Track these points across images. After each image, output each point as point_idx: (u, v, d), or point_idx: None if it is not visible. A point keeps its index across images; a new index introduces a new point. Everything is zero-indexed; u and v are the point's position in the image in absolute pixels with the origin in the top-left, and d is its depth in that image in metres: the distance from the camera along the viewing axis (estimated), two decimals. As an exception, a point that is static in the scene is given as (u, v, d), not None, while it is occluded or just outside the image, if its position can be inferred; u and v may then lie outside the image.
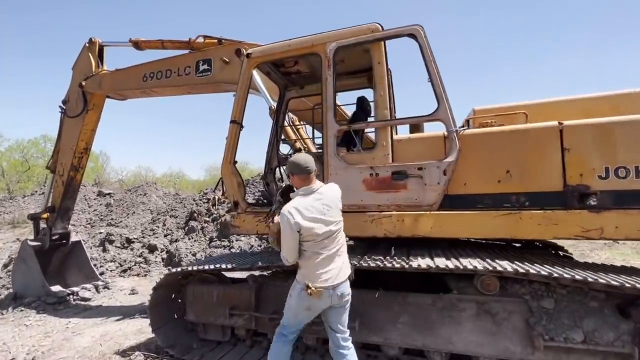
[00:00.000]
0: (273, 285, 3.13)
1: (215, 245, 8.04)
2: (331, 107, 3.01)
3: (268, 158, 4.23)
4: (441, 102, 2.67)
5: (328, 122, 3.01)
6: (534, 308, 2.41)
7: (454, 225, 2.65)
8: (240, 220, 3.33)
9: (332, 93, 3.02)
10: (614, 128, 2.41)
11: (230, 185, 3.40)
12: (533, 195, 2.55)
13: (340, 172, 2.93)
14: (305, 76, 4.19)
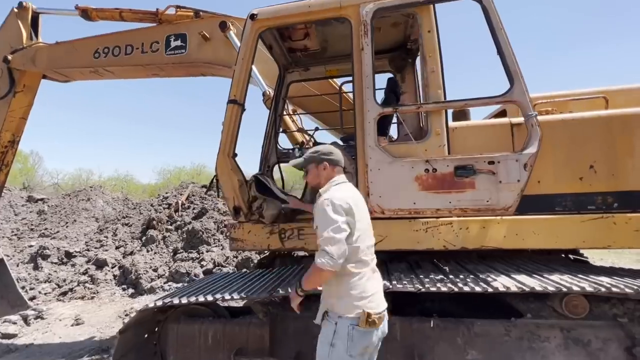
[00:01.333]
0: (293, 318, 2.36)
1: (182, 257, 6.88)
2: (370, 84, 2.35)
3: (265, 153, 3.43)
4: (516, 80, 2.15)
5: (366, 104, 2.34)
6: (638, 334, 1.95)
7: (532, 233, 2.13)
8: (243, 231, 2.51)
9: (370, 66, 2.36)
10: None
11: (228, 185, 2.56)
12: (622, 194, 2.12)
13: (384, 167, 2.27)
14: (312, 55, 3.48)
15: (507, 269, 2.26)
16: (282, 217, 2.43)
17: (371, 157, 2.29)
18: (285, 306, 2.39)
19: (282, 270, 2.78)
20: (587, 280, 1.99)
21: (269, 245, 2.45)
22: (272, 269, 2.92)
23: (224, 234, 7.23)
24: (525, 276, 2.06)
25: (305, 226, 2.40)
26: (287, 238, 2.41)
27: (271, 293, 2.12)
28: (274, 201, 2.42)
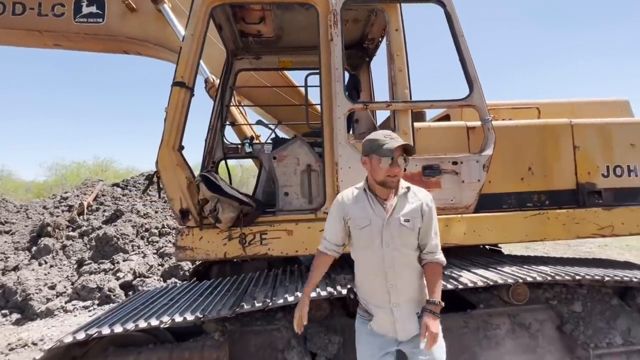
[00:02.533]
0: (254, 333, 2.09)
1: (90, 269, 5.75)
2: (340, 78, 2.22)
3: (209, 148, 3.04)
4: (475, 86, 2.28)
5: (336, 98, 2.21)
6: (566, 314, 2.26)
7: (487, 230, 2.29)
8: (194, 238, 2.13)
9: (340, 58, 2.24)
10: (611, 129, 2.51)
11: (173, 184, 2.15)
12: (551, 193, 2.44)
13: (354, 165, 2.17)
14: (266, 43, 3.21)
15: (463, 264, 2.39)
16: (240, 220, 2.13)
17: (341, 155, 2.18)
18: (243, 321, 2.11)
19: (231, 281, 2.46)
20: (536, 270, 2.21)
21: (226, 253, 2.13)
22: (218, 280, 2.56)
23: (145, 239, 6.31)
24: (483, 270, 2.20)
25: (269, 229, 2.16)
26: (248, 244, 2.13)
27: (234, 310, 1.83)
28: (231, 202, 2.11)
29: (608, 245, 7.20)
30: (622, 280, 2.09)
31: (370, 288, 1.52)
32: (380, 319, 1.47)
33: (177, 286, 2.52)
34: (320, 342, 2.02)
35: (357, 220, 1.48)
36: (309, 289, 1.61)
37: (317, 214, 2.22)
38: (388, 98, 2.39)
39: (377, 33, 3.07)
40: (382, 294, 1.46)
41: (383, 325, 1.47)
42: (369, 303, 1.51)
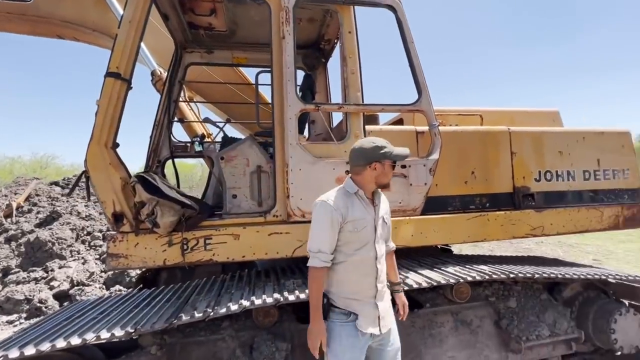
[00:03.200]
0: (197, 344, 1.96)
1: (18, 279, 5.12)
2: (292, 77, 2.17)
3: (154, 146, 2.84)
4: (424, 91, 2.34)
5: (288, 98, 2.15)
6: (502, 310, 2.41)
7: (432, 231, 2.37)
8: (128, 244, 1.94)
9: (292, 57, 2.18)
10: (543, 137, 2.73)
11: (105, 186, 1.95)
12: (491, 196, 2.59)
13: (305, 167, 2.13)
14: (218, 37, 3.06)
15: (411, 264, 2.45)
16: (182, 224, 1.99)
17: (292, 156, 2.12)
18: (185, 332, 1.98)
19: (174, 288, 2.30)
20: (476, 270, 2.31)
21: (165, 260, 1.98)
22: (160, 288, 2.38)
23: (86, 244, 5.76)
24: (429, 270, 2.27)
25: (214, 234, 2.04)
26: (190, 250, 2.00)
27: (171, 322, 1.69)
28: (172, 205, 1.96)
29: (543, 242, 7.92)
30: (550, 276, 2.27)
31: (357, 287, 1.56)
32: (367, 316, 1.54)
33: (112, 296, 2.30)
34: (267, 351, 1.95)
35: (356, 223, 1.54)
36: (319, 314, 1.51)
37: (267, 217, 2.15)
38: (341, 100, 2.38)
39: (333, 34, 3.06)
40: (369, 290, 1.57)
41: (369, 322, 1.54)
42: (354, 302, 1.55)
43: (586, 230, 2.68)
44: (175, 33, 2.87)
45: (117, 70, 1.99)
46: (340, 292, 1.57)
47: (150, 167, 2.81)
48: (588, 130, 2.85)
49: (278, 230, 2.11)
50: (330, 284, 1.59)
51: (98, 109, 1.95)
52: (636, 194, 2.85)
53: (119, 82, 1.99)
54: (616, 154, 2.84)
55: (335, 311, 1.55)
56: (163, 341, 1.94)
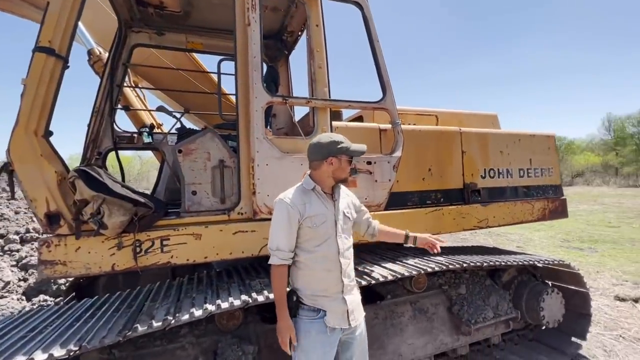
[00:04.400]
0: (152, 355, 1.78)
1: None
2: (258, 67, 2.06)
3: (93, 135, 2.51)
4: (388, 90, 2.41)
5: (254, 90, 2.03)
6: (454, 297, 2.61)
7: (394, 226, 2.46)
8: (67, 249, 1.68)
9: (259, 46, 2.07)
10: (488, 137, 3.00)
11: (36, 181, 1.65)
12: (445, 192, 2.78)
13: (272, 162, 2.05)
14: (171, 18, 2.78)
15: (374, 258, 2.52)
16: (135, 224, 1.78)
17: (258, 151, 2.02)
18: (138, 343, 1.78)
19: (122, 296, 2.06)
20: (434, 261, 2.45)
21: (114, 265, 1.75)
22: (106, 296, 2.11)
23: (3, 248, 4.89)
24: (392, 263, 2.36)
25: (172, 234, 1.86)
26: (143, 252, 1.80)
27: (124, 333, 1.50)
28: (122, 203, 1.74)
29: (477, 232, 8.79)
30: (494, 264, 2.51)
31: (324, 283, 1.56)
32: (334, 311, 1.55)
33: (43, 310, 1.97)
34: (232, 355, 1.85)
35: (315, 219, 1.54)
36: (285, 310, 1.52)
37: (231, 215, 2.02)
38: (307, 94, 2.34)
39: (297, 26, 2.98)
40: (335, 285, 1.57)
41: (337, 317, 1.55)
42: (321, 298, 1.55)
43: (521, 221, 3.03)
44: (120, 9, 2.53)
45: (49, 45, 1.68)
46: (306, 289, 1.57)
47: (89, 159, 2.46)
48: (522, 133, 3.21)
49: (243, 229, 2.01)
50: (297, 281, 1.59)
51: (24, 89, 1.64)
52: (558, 189, 3.29)
53: (53, 59, 1.69)
54: (543, 154, 3.25)
55: (304, 308, 1.56)
56: (112, 356, 1.73)
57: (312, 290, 1.56)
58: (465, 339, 2.57)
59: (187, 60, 3.14)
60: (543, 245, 7.34)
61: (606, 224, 9.68)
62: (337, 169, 1.59)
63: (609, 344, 3.00)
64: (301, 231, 1.54)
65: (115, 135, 2.61)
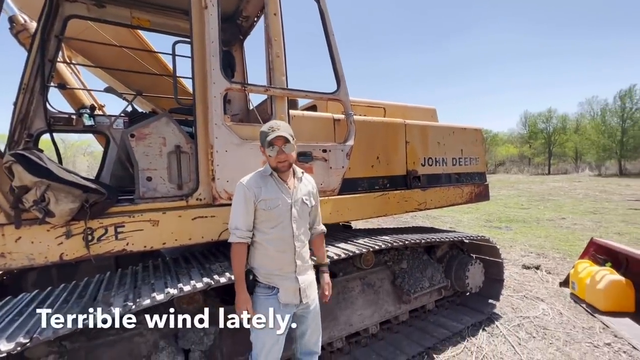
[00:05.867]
0: (108, 345, 1.75)
1: None
2: (216, 52, 2.04)
3: (21, 115, 2.27)
4: (342, 82, 2.55)
5: (212, 75, 2.03)
6: (397, 271, 2.94)
7: (347, 209, 2.67)
8: (6, 240, 1.55)
9: (217, 30, 2.05)
10: (428, 129, 3.35)
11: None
12: (391, 178, 3.06)
13: (232, 148, 2.08)
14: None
15: (328, 240, 2.71)
16: (86, 211, 1.70)
17: (217, 137, 2.04)
18: (90, 334, 1.74)
19: (69, 288, 1.95)
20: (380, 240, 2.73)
21: (63, 255, 1.66)
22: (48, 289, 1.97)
23: None
24: (344, 244, 2.57)
25: (127, 221, 1.82)
26: (96, 240, 1.73)
27: (82, 320, 1.47)
28: (71, 190, 1.64)
29: (416, 215, 9.64)
30: (430, 241, 2.88)
31: (278, 263, 1.67)
32: (287, 289, 1.67)
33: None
34: (194, 337, 1.90)
35: (268, 202, 1.64)
36: (243, 286, 1.62)
37: (189, 201, 2.03)
38: (264, 82, 2.38)
39: (253, 12, 2.95)
40: (289, 265, 1.68)
41: (290, 294, 1.67)
42: (275, 277, 1.67)
43: (452, 204, 3.47)
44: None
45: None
46: (262, 267, 1.68)
47: (17, 141, 2.23)
48: (456, 126, 3.64)
49: (203, 214, 2.03)
50: (254, 260, 1.70)
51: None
52: (483, 176, 3.82)
53: None
54: (472, 145, 3.73)
55: (260, 286, 1.68)
56: (62, 349, 1.66)
57: (266, 269, 1.67)
58: (406, 307, 2.93)
59: (132, 37, 2.91)
60: (470, 225, 8.36)
61: (519, 206, 11.30)
62: (266, 159, 1.70)
63: (516, 302, 3.64)
64: (257, 212, 1.64)
65: (49, 116, 2.38)
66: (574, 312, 3.36)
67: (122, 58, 2.91)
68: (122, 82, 3.05)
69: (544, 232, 7.15)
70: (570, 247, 5.78)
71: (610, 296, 3.25)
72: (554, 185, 18.20)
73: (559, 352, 2.67)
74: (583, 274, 3.59)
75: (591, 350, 2.70)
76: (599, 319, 3.17)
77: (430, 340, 2.83)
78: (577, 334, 2.95)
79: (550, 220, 8.54)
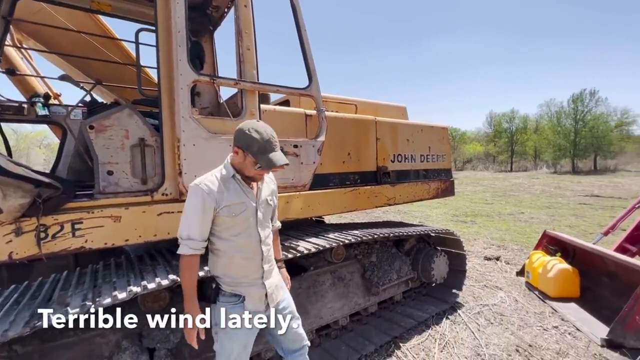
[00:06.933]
0: (65, 347, 1.67)
1: None
2: (183, 42, 1.98)
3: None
4: (314, 78, 2.56)
5: (179, 66, 1.96)
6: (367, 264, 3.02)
7: (318, 204, 2.70)
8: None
9: (183, 20, 1.98)
10: (397, 127, 3.45)
11: None
12: (361, 174, 3.13)
13: (199, 142, 2.03)
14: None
15: (299, 234, 2.74)
16: (39, 207, 1.60)
17: (184, 131, 1.98)
18: (45, 337, 1.64)
19: (20, 289, 1.84)
20: (351, 234, 2.78)
21: (12, 253, 1.55)
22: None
23: None
24: (315, 238, 2.60)
25: (86, 217, 1.73)
26: (50, 238, 1.63)
27: (34, 324, 1.38)
28: (20, 184, 1.53)
29: (388, 211, 9.91)
30: (398, 235, 2.99)
31: (244, 270, 1.54)
32: (253, 296, 1.56)
33: None
34: (159, 335, 1.85)
35: (233, 208, 1.47)
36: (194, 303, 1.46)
37: (154, 196, 1.96)
38: (235, 75, 2.34)
39: (223, 2, 2.87)
40: (255, 272, 1.56)
41: (256, 301, 1.56)
42: (240, 285, 1.54)
43: (420, 199, 3.61)
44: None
45: None
46: (226, 276, 1.54)
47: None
48: (424, 124, 3.77)
49: (169, 210, 1.97)
50: (216, 268, 1.56)
51: None
52: (449, 172, 4.00)
53: None
54: (439, 143, 3.88)
55: (224, 294, 1.54)
56: (13, 353, 1.56)
57: (232, 277, 1.53)
58: (374, 298, 3.02)
59: (91, 22, 2.73)
60: (439, 219, 8.72)
61: (484, 201, 11.94)
62: (241, 163, 1.47)
63: (477, 291, 3.87)
64: (218, 219, 1.46)
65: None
66: (528, 299, 3.63)
67: (80, 44, 2.73)
68: (81, 70, 2.86)
69: (505, 225, 7.62)
70: (527, 239, 6.20)
71: (558, 283, 3.54)
72: (515, 181, 19.37)
73: (513, 336, 2.88)
74: (536, 263, 3.87)
75: (541, 333, 2.93)
76: (548, 304, 3.45)
77: (397, 330, 2.94)
78: (529, 318, 3.19)
79: (510, 214, 9.10)
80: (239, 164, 1.49)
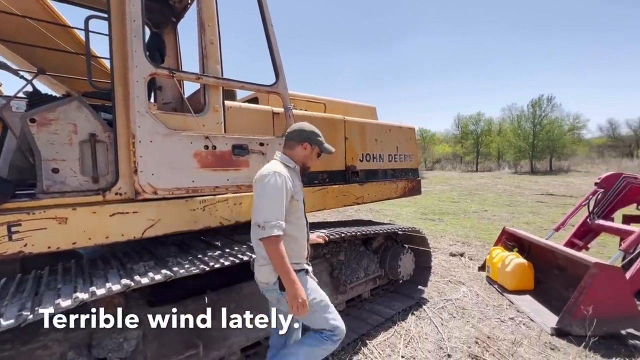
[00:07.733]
0: None
1: None
2: (139, 32, 1.86)
3: None
4: (281, 75, 2.52)
5: (134, 58, 1.84)
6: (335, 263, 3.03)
7: (285, 204, 2.66)
8: None
9: (139, 8, 1.86)
10: (366, 126, 3.49)
11: None
12: (330, 173, 3.13)
13: (157, 139, 1.93)
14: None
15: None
16: (-33, 208, 1.43)
17: (140, 126, 1.87)
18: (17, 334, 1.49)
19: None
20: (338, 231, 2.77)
21: None
22: None
23: None
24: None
25: (25, 219, 1.58)
26: (-17, 242, 1.47)
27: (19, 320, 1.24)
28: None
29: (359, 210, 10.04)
30: (366, 233, 3.02)
31: (303, 249, 1.81)
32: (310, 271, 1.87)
33: None
34: (112, 344, 1.74)
35: (298, 193, 1.78)
36: (294, 277, 1.60)
37: (107, 196, 1.83)
38: (198, 70, 2.24)
39: (186, -7, 2.76)
40: (305, 251, 1.84)
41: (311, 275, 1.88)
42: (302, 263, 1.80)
43: (388, 198, 3.67)
44: None
45: None
46: (292, 255, 1.71)
47: None
48: (392, 125, 3.84)
49: (123, 210, 1.85)
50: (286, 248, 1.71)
51: None
52: (416, 172, 4.10)
53: None
54: (407, 143, 3.97)
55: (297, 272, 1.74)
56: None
57: (296, 256, 1.76)
58: (342, 297, 3.04)
59: (38, 7, 2.51)
60: (408, 217, 8.96)
61: (451, 200, 12.43)
62: (308, 156, 1.85)
63: (441, 287, 4.01)
64: (290, 204, 1.68)
65: None
66: (488, 293, 3.81)
67: (25, 30, 2.50)
68: (27, 60, 2.62)
69: (469, 223, 7.97)
70: (489, 235, 6.53)
71: (515, 277, 3.75)
72: (480, 181, 20.37)
73: (473, 329, 3.01)
74: (496, 259, 4.08)
75: (498, 324, 3.09)
76: (506, 297, 3.64)
77: (364, 328, 2.97)
78: (489, 311, 3.35)
79: (475, 212, 9.55)
80: (305, 157, 1.86)
